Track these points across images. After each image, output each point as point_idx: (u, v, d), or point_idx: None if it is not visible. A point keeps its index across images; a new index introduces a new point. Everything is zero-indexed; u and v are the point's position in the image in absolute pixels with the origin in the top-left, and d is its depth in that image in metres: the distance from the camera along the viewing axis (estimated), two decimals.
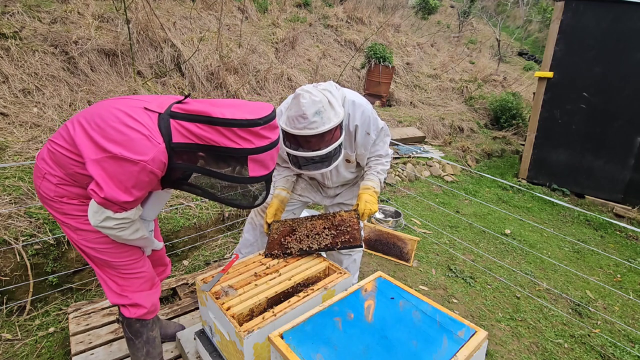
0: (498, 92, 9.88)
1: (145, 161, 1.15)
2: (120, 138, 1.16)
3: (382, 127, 2.02)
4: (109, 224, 1.26)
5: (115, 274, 1.45)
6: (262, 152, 1.21)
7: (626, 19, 4.93)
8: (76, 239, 1.38)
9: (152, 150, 1.16)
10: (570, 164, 5.67)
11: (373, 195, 1.98)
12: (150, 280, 1.53)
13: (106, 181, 1.17)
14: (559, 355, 2.48)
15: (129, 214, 1.27)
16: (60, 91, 3.63)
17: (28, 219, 2.33)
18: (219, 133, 1.17)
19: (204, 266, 2.83)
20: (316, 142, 1.68)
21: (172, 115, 1.23)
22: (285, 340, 1.24)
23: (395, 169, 5.29)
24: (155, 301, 1.53)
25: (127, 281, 1.46)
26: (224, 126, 1.16)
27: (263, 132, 1.20)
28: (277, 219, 2.07)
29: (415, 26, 11.89)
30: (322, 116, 1.63)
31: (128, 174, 1.17)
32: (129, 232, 1.33)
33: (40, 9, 4.24)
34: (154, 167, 1.18)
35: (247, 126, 1.17)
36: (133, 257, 1.46)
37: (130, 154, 1.14)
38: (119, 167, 1.16)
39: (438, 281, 3.10)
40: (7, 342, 2.02)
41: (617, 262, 3.83)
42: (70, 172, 1.28)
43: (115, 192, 1.17)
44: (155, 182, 1.26)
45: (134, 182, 1.19)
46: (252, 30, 6.64)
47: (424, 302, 1.45)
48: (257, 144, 1.19)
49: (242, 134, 1.17)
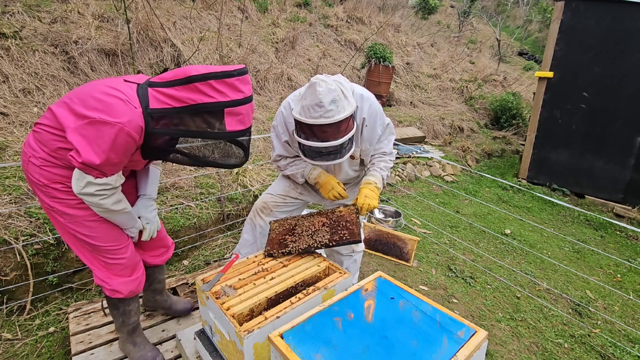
0: (498, 92, 9.88)
1: (122, 123, 1.20)
2: (99, 105, 1.22)
3: (387, 123, 2.02)
4: (90, 190, 1.29)
5: (99, 260, 1.52)
6: (238, 106, 1.26)
7: (626, 18, 4.93)
8: (64, 223, 1.42)
9: (128, 113, 1.22)
10: (570, 164, 5.67)
11: (374, 190, 1.96)
12: (131, 267, 1.59)
13: (84, 146, 1.21)
14: (559, 355, 2.48)
15: (109, 179, 1.31)
16: (61, 91, 3.63)
17: (28, 218, 2.33)
18: (196, 90, 1.23)
19: (204, 266, 2.83)
20: (332, 132, 1.66)
21: (150, 84, 1.30)
22: (285, 340, 1.24)
23: (395, 169, 5.29)
24: (133, 288, 1.60)
25: (109, 267, 1.53)
26: (201, 80, 1.22)
27: (237, 83, 1.25)
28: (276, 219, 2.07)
29: (415, 26, 11.89)
30: (337, 105, 1.63)
31: (106, 137, 1.21)
32: (110, 200, 1.36)
33: (40, 8, 4.24)
34: (131, 129, 1.22)
35: (222, 77, 1.23)
36: (117, 242, 1.52)
37: (107, 117, 1.20)
38: (97, 131, 1.21)
39: (438, 281, 3.10)
40: (7, 342, 2.02)
41: (617, 262, 3.83)
42: (53, 149, 1.32)
43: (92, 156, 1.21)
44: (132, 147, 1.29)
45: (111, 145, 1.22)
46: (252, 30, 6.64)
47: (424, 302, 1.45)
48: (232, 97, 1.25)
49: (218, 86, 1.23)
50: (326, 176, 2.01)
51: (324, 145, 1.68)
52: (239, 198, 3.38)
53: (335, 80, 1.72)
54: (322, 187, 2.00)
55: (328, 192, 1.98)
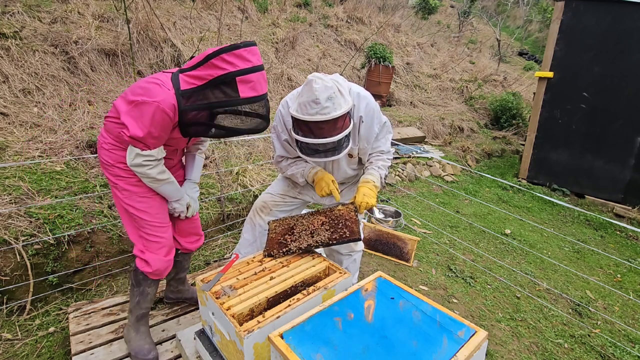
0: (498, 92, 9.88)
1: (158, 101, 1.45)
2: (141, 91, 1.49)
3: (385, 121, 2.02)
4: (138, 161, 1.55)
5: (142, 236, 1.74)
6: (248, 74, 1.44)
7: (626, 18, 4.93)
8: (121, 198, 1.68)
9: (162, 94, 1.46)
10: (570, 164, 5.67)
11: (372, 189, 1.95)
12: (166, 248, 1.79)
13: (131, 123, 1.47)
14: (559, 355, 2.48)
15: (152, 152, 1.56)
16: (61, 91, 3.63)
17: (28, 218, 2.33)
18: (213, 66, 1.44)
19: (204, 266, 2.83)
20: (328, 129, 1.68)
21: (181, 71, 1.55)
22: (285, 340, 1.24)
23: (395, 169, 5.29)
24: (161, 267, 1.78)
25: (148, 244, 1.75)
26: (215, 56, 1.43)
27: (245, 54, 1.43)
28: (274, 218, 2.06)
29: (415, 26, 11.89)
30: (333, 102, 1.65)
31: (146, 114, 1.46)
32: (155, 170, 1.61)
33: (40, 8, 4.24)
34: (165, 107, 1.46)
35: (231, 50, 1.42)
36: (162, 221, 1.76)
37: (146, 97, 1.46)
38: (139, 110, 1.47)
39: (438, 281, 3.10)
40: (7, 342, 2.02)
41: (617, 262, 3.83)
42: (116, 134, 1.60)
43: (137, 130, 1.47)
44: (168, 123, 1.51)
45: (151, 120, 1.47)
46: (252, 30, 6.64)
47: (424, 302, 1.45)
48: (241, 66, 1.43)
49: (228, 58, 1.42)
50: (323, 173, 2.02)
51: (320, 142, 1.69)
52: (239, 198, 3.38)
53: (332, 79, 1.73)
54: (317, 184, 2.01)
55: (322, 189, 1.98)
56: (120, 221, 2.64)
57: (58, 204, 2.50)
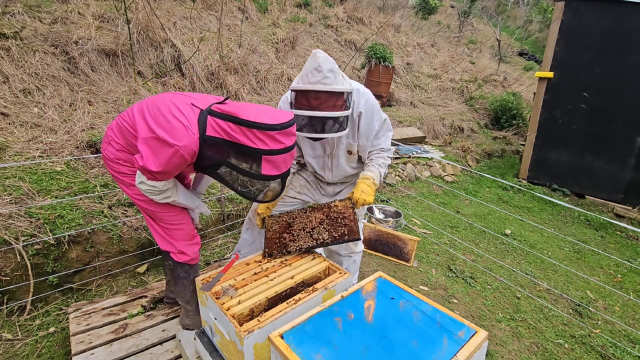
0: (498, 92, 9.88)
1: (180, 146, 1.41)
2: (166, 125, 1.44)
3: (384, 118, 2.02)
4: (142, 187, 1.59)
5: (162, 226, 1.79)
6: (275, 155, 1.41)
7: (626, 19, 4.93)
8: (130, 193, 1.73)
9: (187, 138, 1.42)
10: (570, 164, 5.67)
11: (371, 186, 1.94)
12: (190, 233, 1.85)
13: (147, 155, 1.45)
14: (559, 355, 2.48)
15: (157, 184, 1.57)
16: (61, 91, 3.63)
17: (28, 219, 2.33)
18: (242, 132, 1.40)
19: (204, 266, 2.83)
20: (325, 102, 1.67)
21: (210, 112, 1.49)
22: (286, 340, 1.24)
23: (396, 169, 5.29)
24: (195, 250, 1.86)
25: (171, 232, 1.79)
26: (247, 127, 1.39)
27: (278, 136, 1.40)
28: (269, 213, 2.06)
29: (415, 26, 11.90)
30: (335, 75, 1.66)
31: (164, 153, 1.44)
32: (158, 197, 1.65)
33: (40, 9, 4.24)
34: (185, 153, 1.43)
35: (265, 129, 1.38)
36: (173, 211, 1.78)
37: (169, 138, 1.42)
38: (159, 146, 1.44)
39: (438, 281, 3.10)
40: (8, 342, 2.02)
41: (617, 263, 3.83)
42: (128, 142, 1.62)
43: (151, 164, 1.45)
44: (184, 165, 1.50)
45: (167, 161, 1.45)
46: (252, 30, 6.64)
47: (424, 302, 1.45)
48: (271, 146, 1.40)
49: (260, 136, 1.39)
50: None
51: (315, 115, 1.67)
52: (239, 198, 3.38)
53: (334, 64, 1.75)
54: None
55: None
56: (120, 221, 2.64)
57: (58, 204, 2.50)
